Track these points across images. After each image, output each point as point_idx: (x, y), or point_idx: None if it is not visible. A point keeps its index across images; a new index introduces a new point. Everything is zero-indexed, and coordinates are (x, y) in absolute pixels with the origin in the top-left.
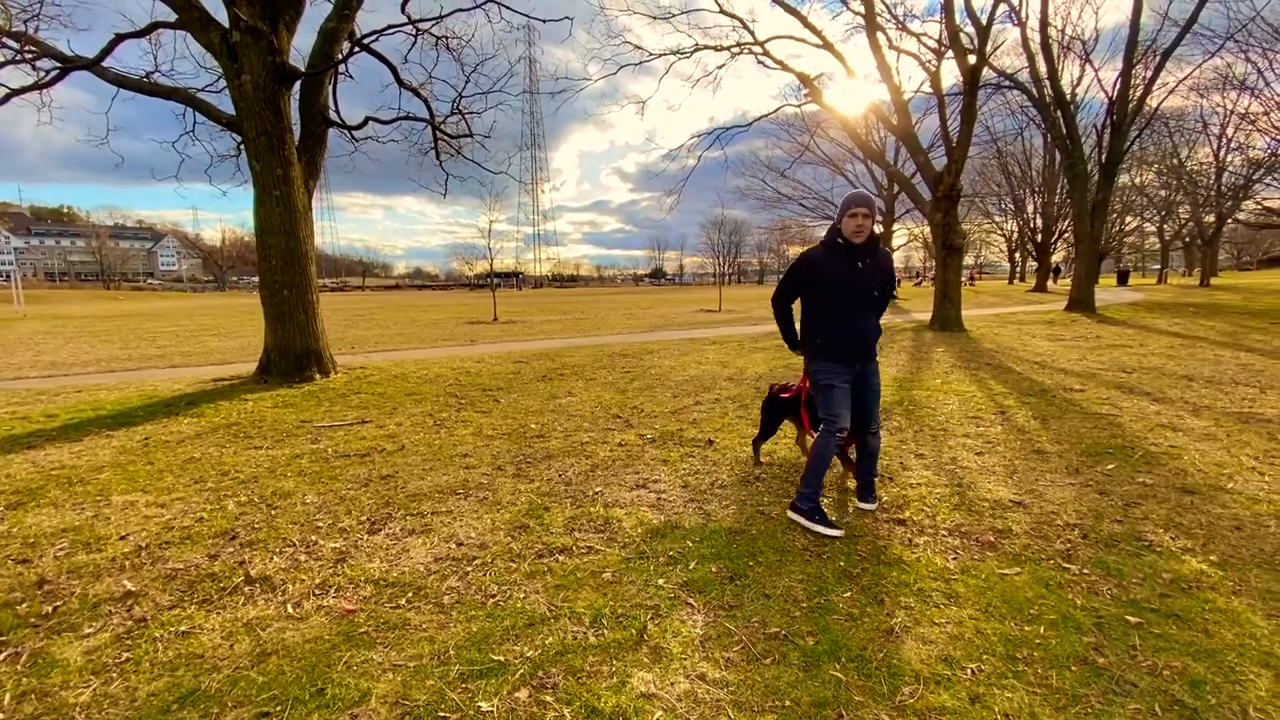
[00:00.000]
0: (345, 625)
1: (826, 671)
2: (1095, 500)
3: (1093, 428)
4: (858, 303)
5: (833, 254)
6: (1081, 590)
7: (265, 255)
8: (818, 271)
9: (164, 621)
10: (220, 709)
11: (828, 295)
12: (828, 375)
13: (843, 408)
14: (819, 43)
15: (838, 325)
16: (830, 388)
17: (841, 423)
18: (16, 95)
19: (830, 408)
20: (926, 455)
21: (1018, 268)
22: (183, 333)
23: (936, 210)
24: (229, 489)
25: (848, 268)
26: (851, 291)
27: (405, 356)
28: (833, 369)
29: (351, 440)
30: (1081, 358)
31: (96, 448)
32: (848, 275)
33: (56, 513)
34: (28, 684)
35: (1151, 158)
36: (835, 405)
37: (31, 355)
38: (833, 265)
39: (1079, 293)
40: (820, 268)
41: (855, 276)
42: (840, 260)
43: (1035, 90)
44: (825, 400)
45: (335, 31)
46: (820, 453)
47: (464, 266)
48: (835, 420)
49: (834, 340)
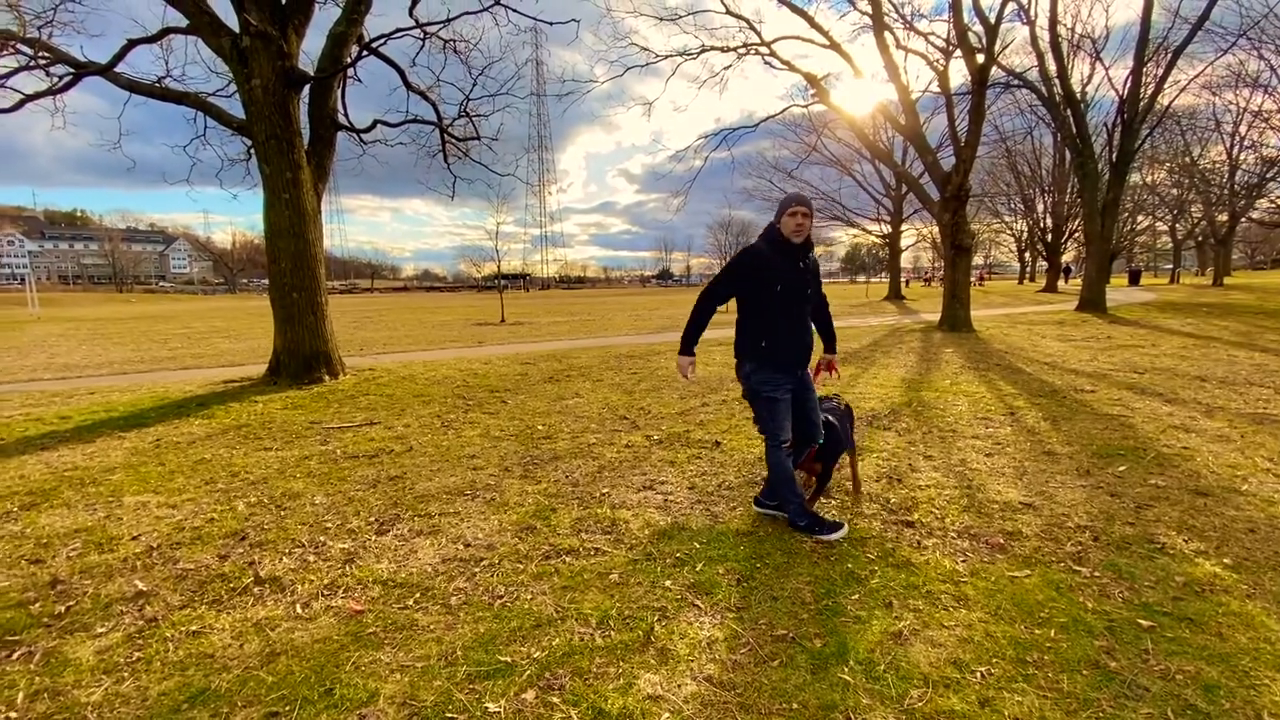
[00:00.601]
0: (353, 626)
1: (834, 674)
2: (1107, 502)
3: (1104, 429)
4: (803, 304)
5: (777, 252)
6: (1093, 593)
7: (275, 258)
8: (764, 269)
9: (175, 621)
10: (230, 708)
11: (775, 296)
12: (772, 387)
13: (787, 419)
14: (826, 43)
15: (786, 327)
16: (775, 401)
17: (785, 435)
18: (31, 100)
19: (777, 420)
20: (935, 457)
21: (1028, 268)
22: (194, 335)
23: (945, 210)
24: (239, 490)
25: (792, 267)
26: (797, 292)
27: (413, 358)
28: (776, 380)
29: (360, 441)
30: (1093, 358)
31: (109, 449)
32: (793, 275)
33: (69, 513)
34: (41, 683)
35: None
36: (781, 418)
37: (46, 357)
38: (779, 264)
39: (1090, 293)
40: (769, 264)
41: (798, 277)
42: (785, 259)
43: (1045, 89)
44: (771, 414)
45: (344, 36)
46: (778, 464)
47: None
48: (780, 433)
49: (782, 344)
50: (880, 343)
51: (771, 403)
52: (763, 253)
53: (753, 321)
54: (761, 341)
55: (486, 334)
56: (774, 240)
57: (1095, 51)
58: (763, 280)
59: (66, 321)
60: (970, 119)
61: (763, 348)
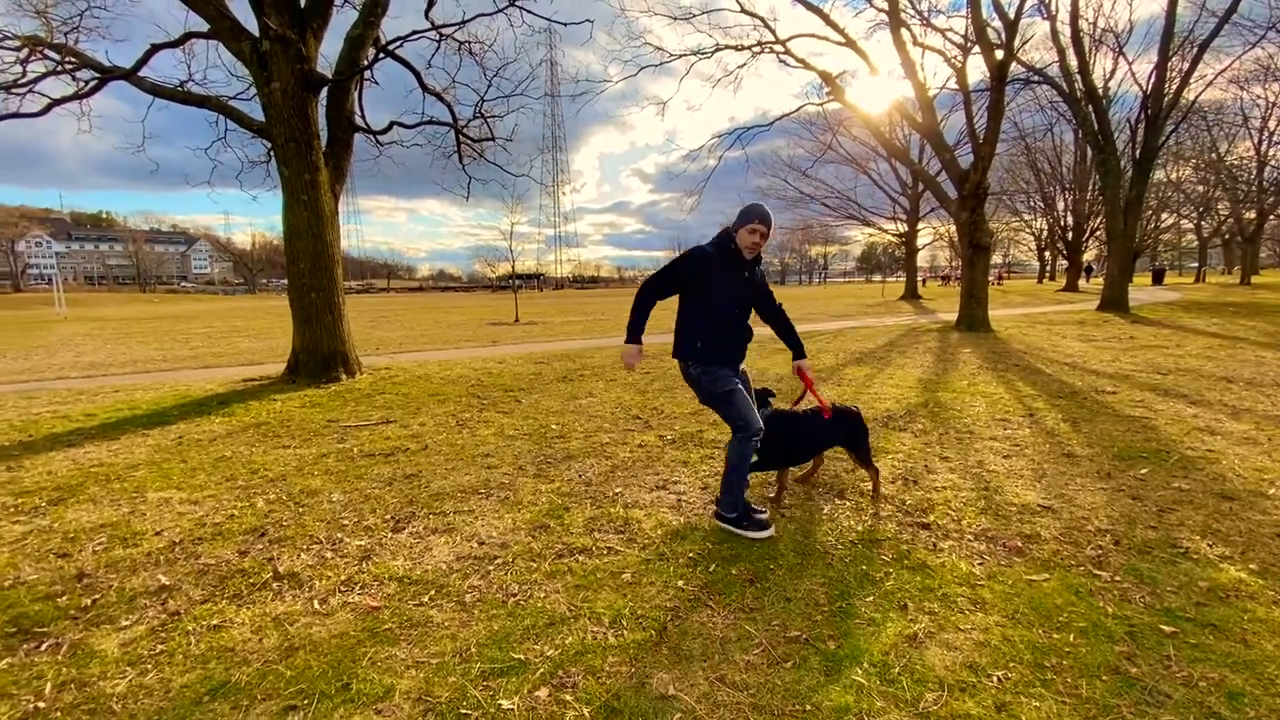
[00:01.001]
0: (370, 622)
1: (848, 676)
2: (1128, 505)
3: (1126, 431)
4: (746, 312)
5: (725, 260)
6: (1113, 598)
7: (293, 258)
8: (709, 274)
9: (196, 615)
10: (250, 701)
11: (720, 301)
12: (724, 381)
13: (752, 409)
14: (841, 40)
15: (721, 331)
16: (733, 393)
17: (757, 423)
18: (58, 105)
19: (744, 412)
20: (952, 458)
21: (1048, 267)
22: (215, 334)
23: (963, 209)
24: (258, 487)
25: (737, 277)
26: (742, 301)
27: (429, 357)
28: (726, 374)
29: (376, 440)
30: (1114, 359)
31: (133, 446)
32: (736, 284)
33: (95, 509)
34: (67, 674)
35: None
36: (747, 408)
37: (72, 356)
38: (724, 272)
39: (1112, 292)
40: (714, 271)
41: (743, 286)
42: (732, 269)
43: (1065, 85)
44: (736, 406)
45: (361, 38)
46: (743, 456)
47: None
48: (751, 424)
49: (717, 347)
50: (896, 343)
51: (730, 395)
52: (710, 258)
53: (690, 323)
54: (698, 343)
55: (501, 333)
56: (725, 248)
57: (1118, 46)
58: (704, 285)
59: (92, 321)
60: (989, 116)
61: (699, 349)
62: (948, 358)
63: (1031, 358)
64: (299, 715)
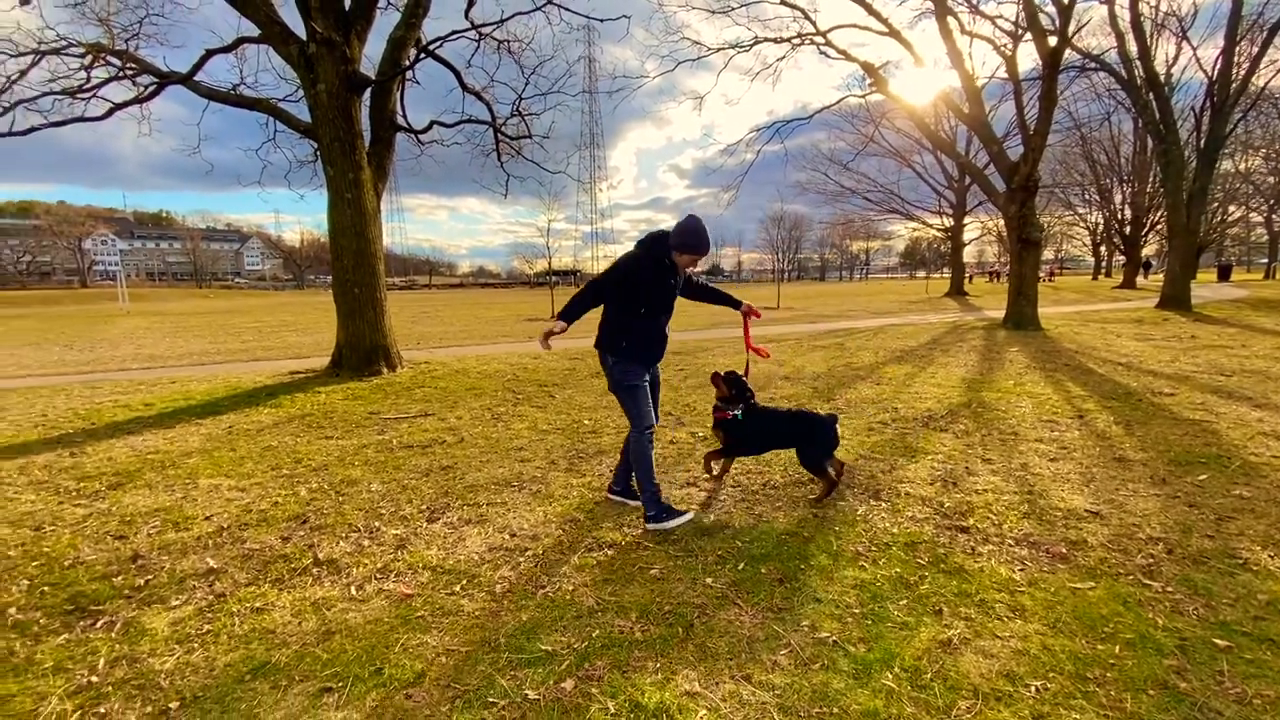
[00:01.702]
0: (403, 609)
1: (878, 680)
2: (1183, 513)
3: (1184, 435)
4: (665, 316)
5: (659, 270)
6: (1164, 609)
7: (338, 255)
8: (643, 281)
9: (241, 597)
10: (288, 682)
11: (652, 307)
12: (634, 376)
13: (648, 406)
14: (884, 30)
15: (645, 331)
16: (636, 388)
17: (650, 420)
18: (120, 109)
19: (640, 408)
20: (995, 460)
21: (1103, 262)
22: (264, 328)
23: (1011, 202)
24: (302, 476)
25: (665, 284)
26: (664, 306)
27: (466, 352)
28: (637, 370)
29: (415, 432)
30: (1174, 359)
31: (187, 435)
32: (664, 291)
33: (151, 494)
34: (120, 650)
35: (1258, 141)
36: (644, 405)
37: (134, 348)
38: (656, 280)
39: (1173, 289)
40: (648, 278)
41: (667, 292)
42: (663, 278)
43: (1124, 71)
44: (635, 401)
45: (403, 39)
46: (643, 452)
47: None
48: (645, 418)
49: (641, 345)
50: (939, 340)
51: (634, 390)
52: (647, 267)
53: (618, 321)
54: (622, 341)
55: (537, 329)
56: (661, 262)
57: (1181, 30)
58: (637, 290)
59: (152, 315)
60: (1040, 105)
61: (623, 346)
62: (993, 356)
63: (1083, 357)
64: (333, 697)
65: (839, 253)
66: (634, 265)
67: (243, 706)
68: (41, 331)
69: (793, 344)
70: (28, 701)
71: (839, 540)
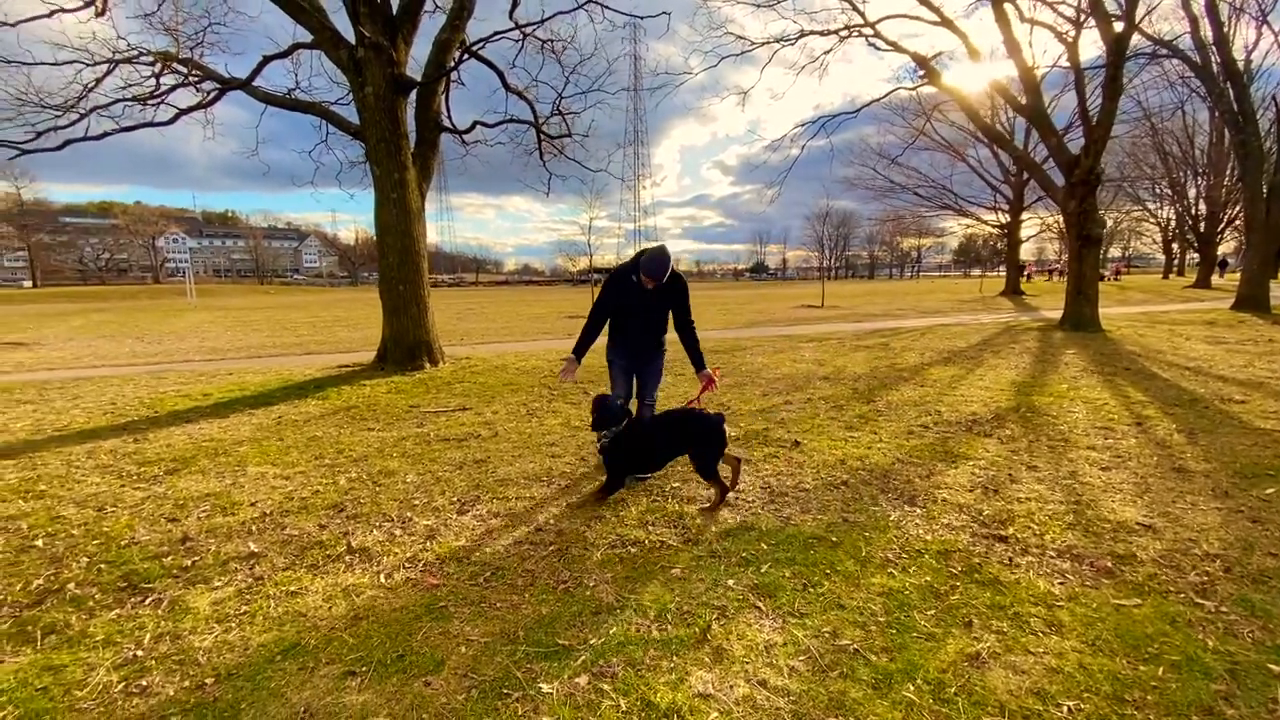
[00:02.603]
0: (428, 598)
1: (899, 692)
2: (1246, 529)
3: (1252, 445)
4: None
5: (623, 285)
6: (1216, 631)
7: (384, 253)
8: (625, 291)
9: (278, 581)
10: (315, 664)
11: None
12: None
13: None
14: (937, 20)
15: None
16: (612, 364)
17: (616, 391)
18: (185, 114)
19: (612, 379)
20: (1041, 468)
21: (1175, 260)
22: (318, 323)
23: (1070, 198)
24: (342, 466)
25: (644, 294)
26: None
27: (507, 349)
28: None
29: (452, 425)
30: (1247, 364)
31: (239, 424)
32: (642, 299)
33: (203, 479)
34: (165, 627)
35: None
36: (614, 378)
37: (197, 341)
38: (636, 290)
39: (1250, 289)
40: (629, 288)
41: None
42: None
43: (1199, 58)
44: (610, 375)
45: (448, 41)
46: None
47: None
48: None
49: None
50: (991, 341)
51: (610, 365)
52: (614, 282)
53: (610, 322)
54: (611, 335)
55: (576, 326)
56: (627, 278)
57: (1261, 14)
58: (619, 298)
59: (217, 310)
60: (1104, 95)
61: (611, 338)
62: (1047, 359)
63: (1146, 360)
64: (356, 681)
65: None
66: (607, 282)
67: (272, 685)
68: (118, 324)
69: (835, 344)
70: (78, 672)
71: (868, 546)
